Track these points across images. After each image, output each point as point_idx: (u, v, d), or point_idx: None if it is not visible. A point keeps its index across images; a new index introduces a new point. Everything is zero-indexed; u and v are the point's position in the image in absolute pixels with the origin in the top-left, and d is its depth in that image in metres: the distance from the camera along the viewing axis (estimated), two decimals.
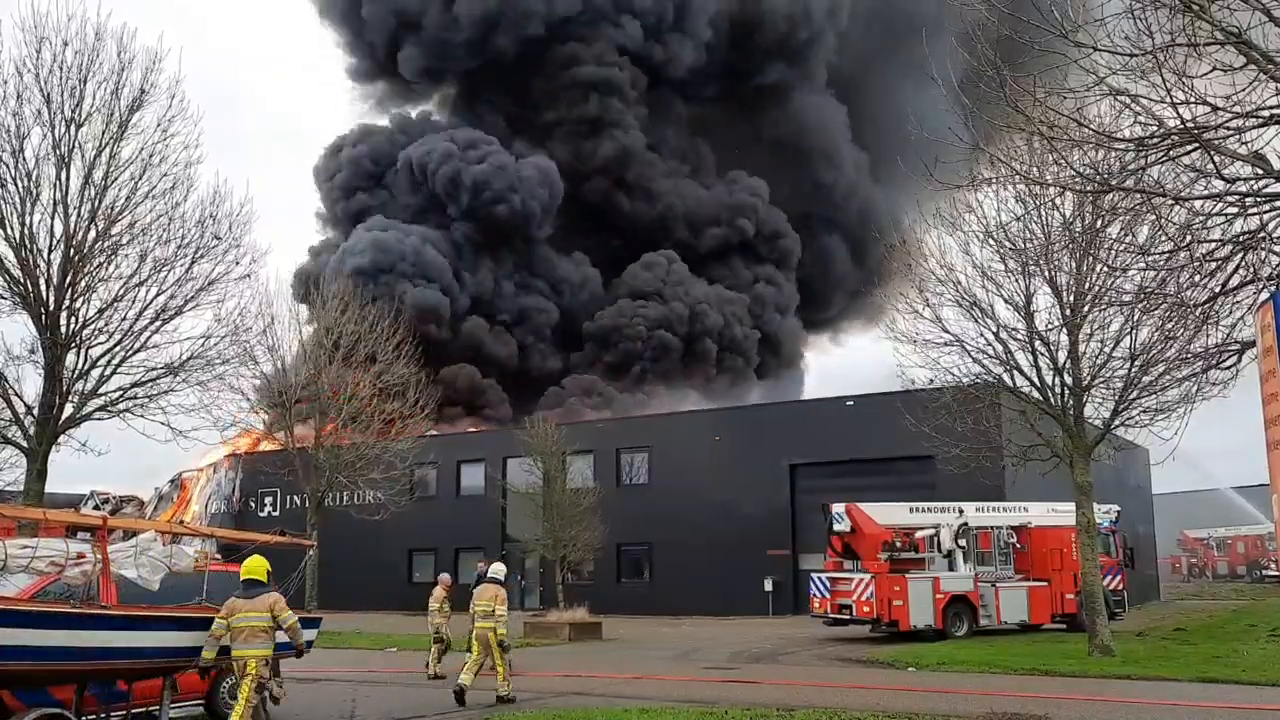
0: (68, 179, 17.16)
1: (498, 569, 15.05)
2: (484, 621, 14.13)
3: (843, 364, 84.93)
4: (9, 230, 16.96)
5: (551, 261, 56.57)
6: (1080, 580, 20.09)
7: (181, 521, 36.51)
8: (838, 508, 23.01)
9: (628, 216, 57.49)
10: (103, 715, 10.03)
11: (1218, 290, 9.01)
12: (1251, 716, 12.23)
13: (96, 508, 40.26)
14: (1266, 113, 7.50)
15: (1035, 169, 13.16)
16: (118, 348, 17.73)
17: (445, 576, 19.28)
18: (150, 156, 17.58)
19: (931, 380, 19.58)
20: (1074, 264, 17.30)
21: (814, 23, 59.23)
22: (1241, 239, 8.34)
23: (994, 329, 18.52)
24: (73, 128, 17.07)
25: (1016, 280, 18.13)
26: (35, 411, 17.36)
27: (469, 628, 14.72)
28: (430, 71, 58.26)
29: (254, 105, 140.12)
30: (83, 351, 17.56)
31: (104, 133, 17.31)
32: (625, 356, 53.55)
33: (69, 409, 17.56)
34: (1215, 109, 7.60)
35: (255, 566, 10.22)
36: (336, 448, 27.12)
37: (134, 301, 17.76)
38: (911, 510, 23.42)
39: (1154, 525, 44.03)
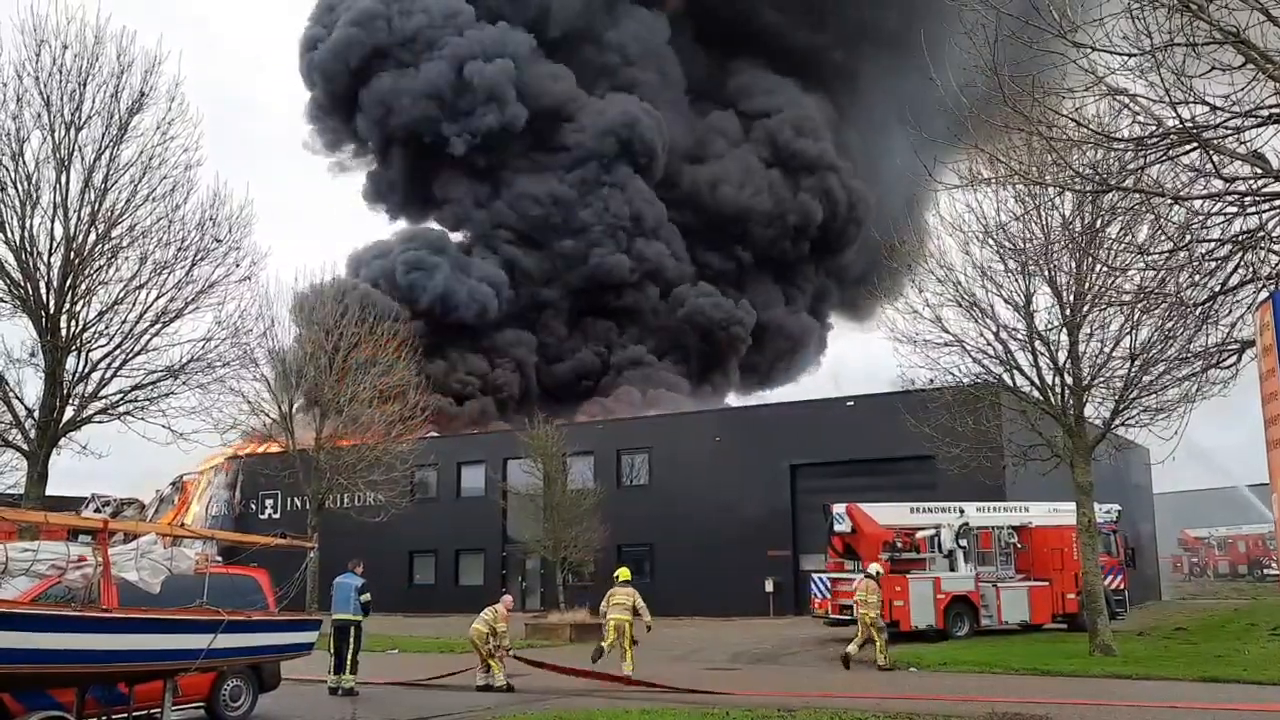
0: (67, 182, 17.17)
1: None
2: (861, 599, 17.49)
3: (841, 363, 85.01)
4: (9, 233, 16.98)
5: None
6: (1081, 580, 20.06)
7: (182, 524, 36.50)
8: (838, 508, 22.99)
9: None
10: (104, 718, 10.05)
11: (1217, 289, 9.01)
12: (1253, 717, 12.22)
13: (97, 510, 40.27)
14: (1265, 112, 7.51)
15: (1034, 169, 13.16)
16: (118, 351, 17.74)
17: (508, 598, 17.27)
18: (150, 159, 17.59)
19: (932, 380, 19.58)
20: (1073, 264, 17.29)
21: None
22: (1241, 238, 8.35)
23: (994, 329, 18.53)
24: (72, 131, 17.07)
25: (1016, 280, 18.13)
26: (36, 415, 17.36)
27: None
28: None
29: (257, 109, 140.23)
30: (83, 354, 17.57)
31: (104, 136, 17.32)
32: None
33: (69, 412, 17.57)
34: (1214, 108, 7.61)
35: (623, 571, 16.56)
36: (337, 450, 27.11)
37: (134, 304, 17.78)
38: (912, 510, 23.39)
39: (1155, 524, 44.01)
